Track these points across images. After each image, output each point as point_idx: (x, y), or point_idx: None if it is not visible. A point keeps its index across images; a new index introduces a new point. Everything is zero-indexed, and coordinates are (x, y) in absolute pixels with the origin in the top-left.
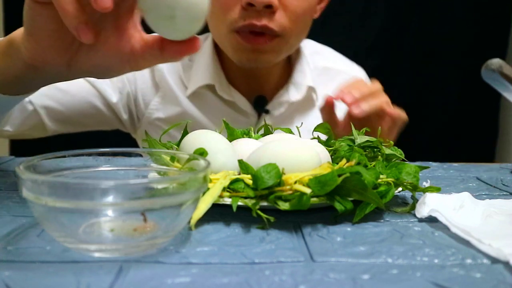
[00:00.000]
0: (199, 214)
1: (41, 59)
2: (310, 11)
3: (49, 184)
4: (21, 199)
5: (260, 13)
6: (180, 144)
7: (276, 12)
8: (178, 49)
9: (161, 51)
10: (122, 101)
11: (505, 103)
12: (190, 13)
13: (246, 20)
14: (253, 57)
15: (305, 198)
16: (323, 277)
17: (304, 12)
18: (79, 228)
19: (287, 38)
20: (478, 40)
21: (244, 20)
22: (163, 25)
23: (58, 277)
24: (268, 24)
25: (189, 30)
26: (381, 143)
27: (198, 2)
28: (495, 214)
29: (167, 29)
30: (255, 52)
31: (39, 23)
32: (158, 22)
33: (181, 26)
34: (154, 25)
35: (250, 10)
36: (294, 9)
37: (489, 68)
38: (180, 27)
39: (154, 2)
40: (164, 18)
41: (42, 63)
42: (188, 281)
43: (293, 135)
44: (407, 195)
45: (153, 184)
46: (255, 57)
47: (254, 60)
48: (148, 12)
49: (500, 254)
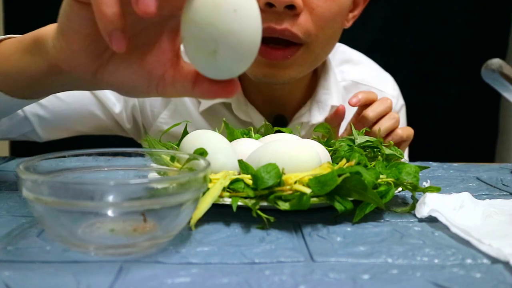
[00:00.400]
0: (199, 214)
1: (68, 62)
2: (340, 17)
3: (49, 184)
4: (21, 199)
5: (281, 15)
6: (180, 144)
7: (300, 14)
8: (211, 89)
9: (193, 84)
10: (126, 111)
11: (505, 103)
12: (236, 51)
13: (264, 23)
14: (271, 72)
15: (305, 198)
16: (323, 277)
17: (333, 17)
18: (79, 228)
19: (312, 47)
20: (478, 40)
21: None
22: (203, 59)
23: (58, 277)
24: (290, 28)
25: (230, 70)
26: (381, 143)
27: (247, 41)
28: (495, 214)
29: (206, 64)
30: (273, 67)
31: (74, 24)
32: (198, 55)
33: (222, 64)
34: (193, 57)
35: (269, 12)
36: (321, 12)
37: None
38: (220, 65)
39: (197, 31)
40: (204, 52)
41: (69, 66)
42: (188, 281)
43: (293, 135)
44: (407, 195)
45: (153, 184)
46: (273, 73)
47: (272, 76)
48: (189, 41)
49: (500, 254)
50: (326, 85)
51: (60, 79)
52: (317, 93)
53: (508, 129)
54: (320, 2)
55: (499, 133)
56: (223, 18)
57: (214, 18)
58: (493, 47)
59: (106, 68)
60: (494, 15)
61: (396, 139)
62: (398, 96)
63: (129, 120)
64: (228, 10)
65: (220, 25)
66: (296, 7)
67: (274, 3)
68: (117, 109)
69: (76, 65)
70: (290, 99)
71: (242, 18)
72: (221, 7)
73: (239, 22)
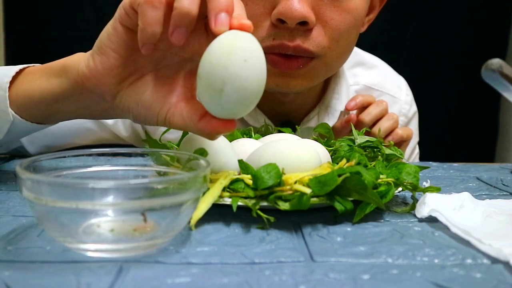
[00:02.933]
0: (199, 214)
1: (97, 79)
2: (356, 28)
3: (49, 184)
4: (21, 199)
5: (293, 32)
6: (180, 144)
7: (313, 29)
8: (212, 124)
9: (199, 119)
10: (124, 122)
11: (505, 103)
12: (240, 94)
13: (276, 40)
14: (283, 82)
15: (305, 198)
16: (323, 277)
17: (348, 29)
18: (79, 228)
19: (325, 59)
20: (478, 40)
21: (273, 39)
22: (209, 95)
23: (58, 277)
24: (302, 45)
25: (232, 110)
26: (381, 143)
27: (252, 87)
28: (495, 214)
29: (212, 101)
30: (286, 76)
31: (114, 45)
32: (207, 91)
33: (226, 103)
34: (202, 93)
35: (281, 28)
36: (336, 26)
37: (489, 68)
38: (225, 104)
39: (210, 70)
40: (212, 89)
41: (95, 84)
42: (188, 281)
43: (293, 135)
44: (407, 195)
45: (153, 184)
46: (285, 83)
47: (285, 86)
48: (202, 77)
49: (500, 254)
50: (337, 90)
51: (80, 100)
52: (326, 97)
53: (508, 129)
54: (334, 14)
55: (499, 133)
56: (234, 63)
57: (227, 62)
58: (493, 47)
59: (126, 92)
60: (494, 15)
61: (396, 138)
62: (411, 102)
63: (126, 129)
64: (239, 59)
65: (231, 68)
66: (309, 23)
67: (285, 20)
68: (110, 120)
69: (102, 84)
70: (300, 106)
71: (250, 68)
72: (235, 55)
73: (246, 70)
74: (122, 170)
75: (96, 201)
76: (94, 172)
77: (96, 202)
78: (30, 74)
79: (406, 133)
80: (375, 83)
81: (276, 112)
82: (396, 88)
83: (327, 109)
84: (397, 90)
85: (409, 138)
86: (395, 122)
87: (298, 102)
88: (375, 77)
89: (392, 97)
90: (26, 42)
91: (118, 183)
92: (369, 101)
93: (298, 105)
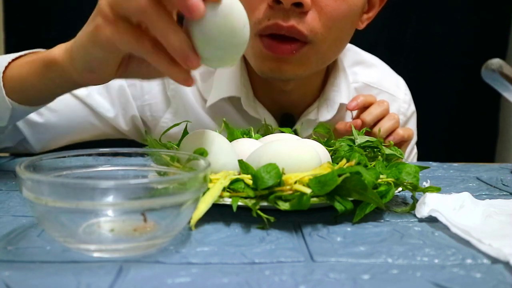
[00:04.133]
0: (199, 214)
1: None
2: (350, 18)
3: (49, 184)
4: (21, 199)
5: (288, 13)
6: (180, 144)
7: (308, 13)
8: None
9: None
10: (125, 115)
11: (505, 103)
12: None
13: (271, 20)
14: (276, 67)
15: (305, 198)
16: (323, 277)
17: (342, 17)
18: (79, 228)
19: (317, 46)
20: (478, 40)
21: (269, 19)
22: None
23: (58, 277)
24: (296, 26)
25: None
26: (381, 143)
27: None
28: (495, 214)
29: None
30: (279, 61)
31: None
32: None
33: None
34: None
35: (276, 9)
36: (330, 12)
37: (489, 68)
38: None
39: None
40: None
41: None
42: (188, 281)
43: (293, 135)
44: (407, 195)
45: (153, 184)
46: (278, 67)
47: (277, 71)
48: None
49: (500, 254)
50: (336, 83)
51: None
52: (326, 90)
53: (508, 129)
54: (329, 1)
55: (499, 133)
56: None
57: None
58: (493, 47)
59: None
60: (494, 15)
61: (397, 139)
62: (410, 102)
63: (127, 123)
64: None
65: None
66: (304, 5)
67: (281, 0)
68: (111, 113)
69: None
70: (300, 100)
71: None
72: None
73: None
74: (122, 170)
75: (96, 201)
76: (94, 172)
77: (96, 202)
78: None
79: (407, 133)
80: (374, 81)
81: (276, 103)
82: (395, 86)
83: (327, 101)
84: (396, 88)
85: (410, 138)
86: (396, 122)
87: (298, 92)
88: (374, 75)
89: (390, 95)
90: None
91: (118, 183)
92: (370, 101)
93: (298, 97)
